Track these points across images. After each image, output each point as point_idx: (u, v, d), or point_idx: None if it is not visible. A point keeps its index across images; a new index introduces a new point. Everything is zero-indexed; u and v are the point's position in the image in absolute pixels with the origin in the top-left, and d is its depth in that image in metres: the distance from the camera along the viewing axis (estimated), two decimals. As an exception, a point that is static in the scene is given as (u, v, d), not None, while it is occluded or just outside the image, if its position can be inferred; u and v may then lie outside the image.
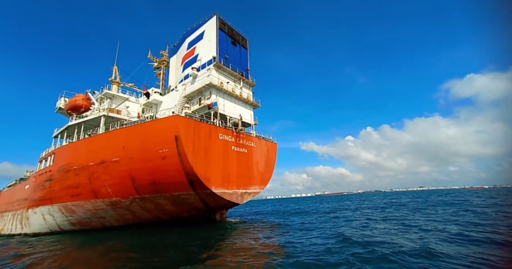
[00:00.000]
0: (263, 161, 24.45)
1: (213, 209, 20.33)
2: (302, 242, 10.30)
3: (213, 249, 9.52)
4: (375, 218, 17.57)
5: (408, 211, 21.44)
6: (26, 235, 24.63)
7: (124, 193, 18.72)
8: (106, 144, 18.97)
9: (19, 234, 25.82)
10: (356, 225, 14.75)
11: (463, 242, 8.81)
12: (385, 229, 12.41)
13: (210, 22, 24.79)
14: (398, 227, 12.82)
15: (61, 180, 21.39)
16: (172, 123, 16.40)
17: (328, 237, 11.01)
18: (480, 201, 30.23)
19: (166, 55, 36.47)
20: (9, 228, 27.91)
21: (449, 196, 48.29)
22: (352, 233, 11.62)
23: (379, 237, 10.21)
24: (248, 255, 8.43)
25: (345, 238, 10.29)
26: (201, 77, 22.69)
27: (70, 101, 25.80)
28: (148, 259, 8.63)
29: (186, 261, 7.73)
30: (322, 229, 13.77)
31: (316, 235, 11.93)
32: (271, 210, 35.38)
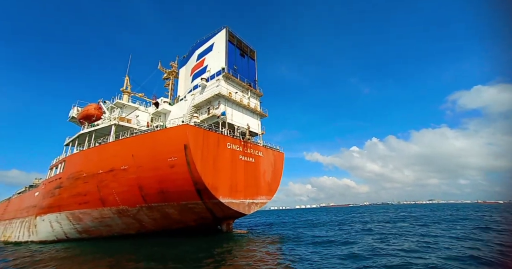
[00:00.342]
0: (270, 171, 24.26)
1: (220, 219, 20.04)
2: (317, 260, 9.95)
3: (223, 264, 9.26)
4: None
5: (421, 225, 20.59)
6: (33, 243, 24.62)
7: (131, 201, 18.74)
8: (116, 152, 19.27)
9: (26, 242, 25.83)
10: (377, 241, 14.01)
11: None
12: (402, 246, 11.91)
13: (219, 34, 25.70)
14: (414, 242, 12.30)
15: (70, 187, 21.63)
16: (181, 132, 16.62)
17: (343, 255, 10.59)
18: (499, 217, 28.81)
19: (175, 66, 37.61)
20: (17, 235, 28.01)
21: (470, 211, 46.19)
22: (375, 251, 11.11)
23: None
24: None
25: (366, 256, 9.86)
26: (210, 87, 23.20)
27: (83, 110, 26.65)
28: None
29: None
30: (335, 244, 13.32)
31: (330, 250, 11.53)
32: (278, 222, 34.57)
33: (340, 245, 12.45)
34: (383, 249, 10.79)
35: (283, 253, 11.10)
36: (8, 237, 30.31)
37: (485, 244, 11.41)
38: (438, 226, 19.83)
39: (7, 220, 34.53)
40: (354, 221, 28.89)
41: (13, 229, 29.92)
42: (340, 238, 15.18)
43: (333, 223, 28.04)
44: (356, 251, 10.72)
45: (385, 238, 14.21)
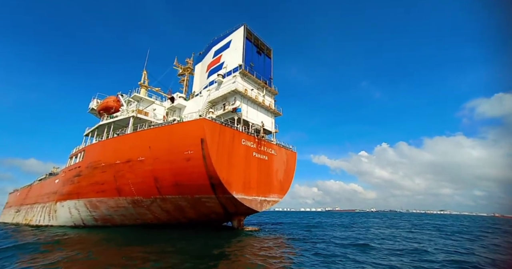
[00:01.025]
0: (283, 170, 24.12)
1: (231, 215, 20.14)
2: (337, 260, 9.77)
3: (245, 260, 9.22)
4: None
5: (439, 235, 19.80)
6: (52, 227, 25.85)
7: (146, 192, 19.20)
8: (133, 143, 19.79)
9: (46, 226, 27.17)
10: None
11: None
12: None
13: (237, 32, 25.76)
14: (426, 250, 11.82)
15: (89, 176, 22.47)
16: (199, 126, 16.81)
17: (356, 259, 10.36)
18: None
19: (191, 62, 38.14)
20: (38, 219, 29.51)
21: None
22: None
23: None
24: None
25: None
26: (226, 84, 23.33)
27: (102, 102, 27.56)
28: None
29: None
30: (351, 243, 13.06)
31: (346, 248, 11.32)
32: (287, 222, 34.37)
33: (356, 246, 12.17)
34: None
35: (301, 250, 10.98)
36: (30, 220, 32.00)
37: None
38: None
39: (29, 204, 36.46)
40: (365, 225, 28.23)
41: (35, 213, 31.54)
42: (357, 237, 14.85)
43: (345, 224, 27.56)
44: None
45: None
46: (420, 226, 27.83)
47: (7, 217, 51.76)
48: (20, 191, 50.05)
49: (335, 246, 12.33)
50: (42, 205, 30.09)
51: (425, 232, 21.26)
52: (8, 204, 57.76)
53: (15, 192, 55.81)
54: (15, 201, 50.11)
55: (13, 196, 55.92)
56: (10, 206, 53.08)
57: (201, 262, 8.01)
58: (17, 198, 50.05)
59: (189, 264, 7.85)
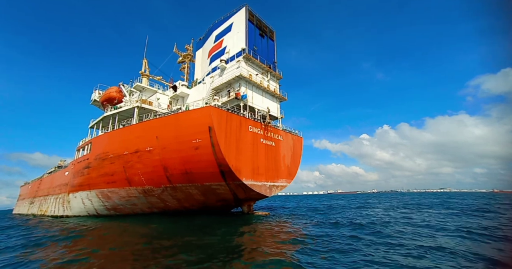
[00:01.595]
0: (290, 155, 24.12)
1: (241, 201, 20.48)
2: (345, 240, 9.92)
3: (254, 245, 9.38)
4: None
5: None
6: (68, 217, 26.71)
7: (156, 181, 19.42)
8: (140, 134, 19.69)
9: (61, 216, 28.07)
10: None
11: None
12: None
13: (238, 14, 24.51)
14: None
15: (98, 167, 22.71)
16: (206, 114, 16.55)
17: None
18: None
19: (191, 49, 36.92)
20: (52, 210, 30.44)
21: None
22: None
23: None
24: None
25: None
26: (229, 69, 22.63)
27: (105, 93, 27.16)
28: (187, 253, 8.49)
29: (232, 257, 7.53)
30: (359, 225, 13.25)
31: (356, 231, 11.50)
32: (293, 206, 35.08)
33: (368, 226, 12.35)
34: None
35: (313, 232, 11.18)
36: (45, 211, 33.06)
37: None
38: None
39: (42, 196, 37.50)
40: (368, 205, 28.69)
41: (49, 205, 32.50)
42: (364, 220, 15.07)
43: (350, 206, 28.03)
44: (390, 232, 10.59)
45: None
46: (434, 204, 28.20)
47: (22, 209, 53.67)
48: (31, 184, 51.36)
49: (348, 227, 12.53)
50: (55, 196, 30.88)
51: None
52: (21, 196, 59.63)
53: (26, 185, 57.37)
54: (27, 194, 51.63)
55: (25, 188, 57.57)
56: (24, 198, 54.80)
57: (224, 251, 8.11)
58: (29, 190, 51.51)
59: (212, 252, 7.95)
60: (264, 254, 7.45)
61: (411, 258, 6.96)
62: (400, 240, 9.22)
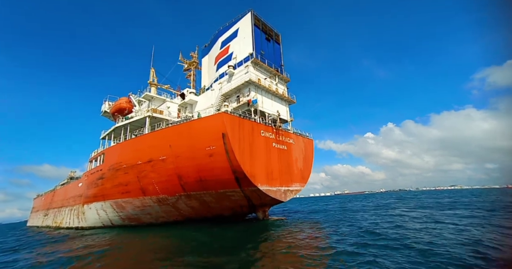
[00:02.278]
0: (302, 158, 23.81)
1: (255, 207, 20.21)
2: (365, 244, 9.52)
3: (273, 253, 9.07)
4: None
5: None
6: (83, 229, 26.85)
7: (170, 190, 19.36)
8: (153, 143, 19.76)
9: (76, 227, 28.25)
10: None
11: None
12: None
13: (244, 19, 24.66)
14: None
15: (112, 178, 22.83)
16: (219, 121, 16.49)
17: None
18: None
19: (196, 56, 37.27)
20: (67, 222, 30.70)
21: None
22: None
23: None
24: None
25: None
26: (238, 75, 22.65)
27: (115, 104, 27.52)
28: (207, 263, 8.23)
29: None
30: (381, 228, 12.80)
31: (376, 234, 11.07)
32: (308, 209, 34.49)
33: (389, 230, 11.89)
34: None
35: (335, 238, 10.81)
36: (60, 223, 33.37)
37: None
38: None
39: (56, 208, 37.94)
40: (381, 205, 27.95)
41: (63, 216, 32.81)
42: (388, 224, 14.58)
43: (367, 208, 27.36)
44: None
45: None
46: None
47: (35, 221, 54.38)
48: (45, 196, 52.13)
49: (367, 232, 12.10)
50: (69, 208, 31.17)
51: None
52: (34, 208, 60.51)
53: (40, 197, 58.24)
54: (41, 206, 52.36)
55: (38, 201, 58.42)
56: (37, 211, 55.58)
57: (247, 259, 7.88)
58: (42, 202, 52.25)
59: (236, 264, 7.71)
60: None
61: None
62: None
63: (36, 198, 61.80)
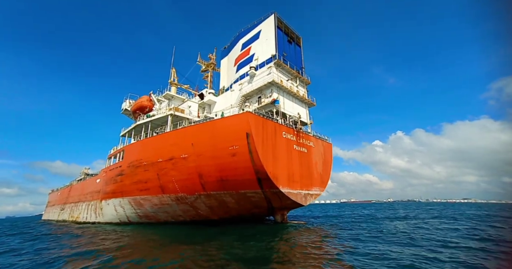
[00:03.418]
0: (321, 162, 23.32)
1: (274, 210, 19.84)
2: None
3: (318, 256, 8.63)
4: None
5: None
6: (100, 224, 27.24)
7: (190, 189, 19.32)
8: (175, 141, 19.88)
9: (93, 222, 28.71)
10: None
11: None
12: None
13: (267, 21, 24.79)
14: None
15: (132, 175, 23.11)
16: (243, 120, 16.41)
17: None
18: None
19: (214, 58, 37.73)
20: (85, 216, 31.29)
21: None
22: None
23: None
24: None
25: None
26: (260, 76, 22.65)
27: (136, 102, 28.10)
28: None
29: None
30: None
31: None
32: (320, 215, 33.68)
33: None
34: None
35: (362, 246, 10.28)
36: (76, 217, 34.07)
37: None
38: None
39: (73, 203, 38.83)
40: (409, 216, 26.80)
41: (80, 211, 33.50)
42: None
43: (390, 217, 26.31)
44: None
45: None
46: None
47: (51, 215, 55.88)
48: (61, 191, 53.57)
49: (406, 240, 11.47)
50: (86, 203, 31.80)
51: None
52: (50, 203, 62.21)
53: (55, 192, 59.91)
54: (57, 200, 53.79)
55: (53, 195, 60.06)
56: (53, 205, 57.10)
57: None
58: (58, 197, 53.68)
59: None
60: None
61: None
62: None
63: (51, 193, 63.63)
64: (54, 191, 63.11)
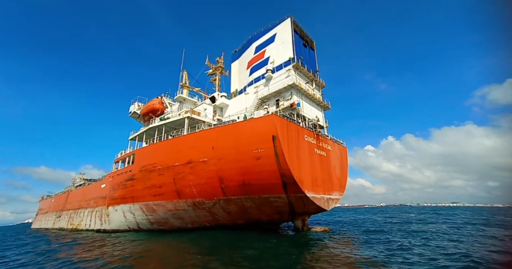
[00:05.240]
0: (338, 166, 23.06)
1: (295, 215, 19.26)
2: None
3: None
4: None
5: None
6: (105, 231, 25.89)
7: (209, 194, 18.63)
8: (194, 144, 19.26)
9: (98, 230, 27.28)
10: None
11: None
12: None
13: (283, 24, 24.85)
14: None
15: (144, 179, 22.20)
16: (270, 122, 16.04)
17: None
18: None
19: (221, 61, 37.50)
20: (88, 224, 29.76)
21: None
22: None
23: None
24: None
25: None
26: (277, 79, 22.48)
27: (147, 105, 27.39)
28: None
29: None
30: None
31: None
32: (333, 220, 33.20)
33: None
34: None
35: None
36: (77, 225, 32.39)
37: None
38: None
39: (72, 209, 37.04)
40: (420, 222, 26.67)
41: (82, 218, 31.89)
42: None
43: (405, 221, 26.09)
44: None
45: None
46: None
47: (44, 223, 53.04)
48: (55, 198, 51.23)
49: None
50: (89, 209, 30.34)
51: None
52: (42, 210, 59.22)
53: (49, 198, 57.24)
54: (51, 207, 51.28)
55: (46, 202, 57.27)
56: (46, 212, 54.37)
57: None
58: (53, 204, 51.21)
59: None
60: None
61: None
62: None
63: (42, 200, 60.76)
64: (46, 197, 60.34)
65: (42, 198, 62.40)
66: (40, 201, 62.73)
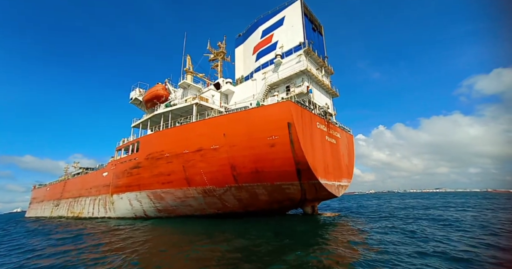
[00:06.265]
0: (346, 154, 23.24)
1: (305, 201, 19.54)
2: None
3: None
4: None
5: None
6: (110, 219, 25.70)
7: (220, 181, 18.49)
8: (204, 131, 18.79)
9: (102, 218, 27.05)
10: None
11: None
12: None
13: (292, 7, 23.72)
14: None
15: (151, 167, 21.77)
16: (285, 109, 15.68)
17: None
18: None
19: (223, 46, 36.03)
20: (90, 212, 29.42)
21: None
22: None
23: None
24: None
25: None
26: (287, 65, 21.81)
27: (150, 91, 26.30)
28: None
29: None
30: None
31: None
32: (338, 206, 34.07)
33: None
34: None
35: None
36: (79, 213, 32.00)
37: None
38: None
39: (71, 198, 36.43)
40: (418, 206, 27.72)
41: (83, 206, 31.46)
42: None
43: (401, 207, 27.05)
44: None
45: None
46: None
47: (41, 212, 52.30)
48: (51, 186, 50.25)
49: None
50: (91, 198, 29.88)
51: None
52: (36, 199, 58.24)
53: (42, 187, 56.19)
54: (47, 196, 50.39)
55: (40, 191, 56.21)
56: (42, 201, 53.48)
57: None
58: (48, 192, 50.32)
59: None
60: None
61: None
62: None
63: (36, 189, 59.64)
64: (39, 186, 59.21)
65: (35, 187, 61.28)
66: (33, 190, 61.61)
